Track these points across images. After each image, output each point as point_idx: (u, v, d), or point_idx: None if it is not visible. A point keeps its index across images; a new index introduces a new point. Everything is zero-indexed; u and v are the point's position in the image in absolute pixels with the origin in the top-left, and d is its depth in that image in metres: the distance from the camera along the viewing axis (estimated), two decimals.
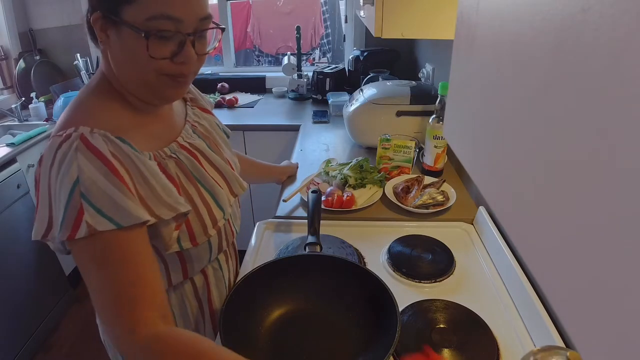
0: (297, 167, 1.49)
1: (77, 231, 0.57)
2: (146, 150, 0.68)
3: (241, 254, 1.10)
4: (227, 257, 0.91)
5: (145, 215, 0.61)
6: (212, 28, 0.69)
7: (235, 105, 2.46)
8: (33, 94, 2.35)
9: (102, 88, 0.70)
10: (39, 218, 0.61)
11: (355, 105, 1.63)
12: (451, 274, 1.00)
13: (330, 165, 1.46)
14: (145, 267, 0.62)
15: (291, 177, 1.45)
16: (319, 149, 1.76)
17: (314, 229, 0.98)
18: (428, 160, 1.41)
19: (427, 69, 1.94)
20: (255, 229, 1.19)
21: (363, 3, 1.21)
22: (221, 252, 0.85)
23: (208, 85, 2.66)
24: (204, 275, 0.84)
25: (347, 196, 1.25)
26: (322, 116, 2.18)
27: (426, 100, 1.54)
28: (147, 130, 0.71)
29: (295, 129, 2.08)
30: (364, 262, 1.05)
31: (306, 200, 1.19)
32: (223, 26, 0.72)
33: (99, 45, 0.67)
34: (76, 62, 2.50)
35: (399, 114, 1.56)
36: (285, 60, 2.57)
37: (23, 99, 2.42)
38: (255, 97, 2.61)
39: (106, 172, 0.59)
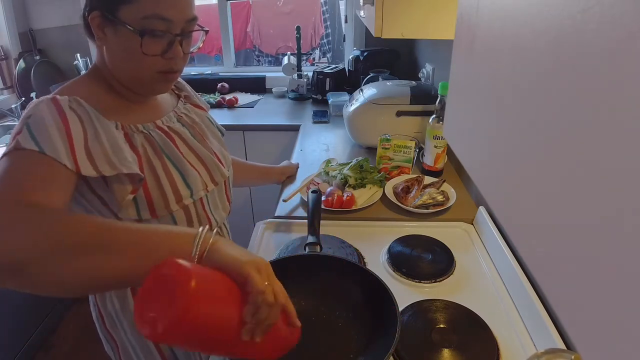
0: (298, 167, 1.49)
1: (7, 147, 0.61)
2: (115, 120, 0.73)
3: None
4: None
5: (65, 159, 0.61)
6: (197, 30, 0.78)
7: (235, 105, 2.46)
8: (33, 94, 2.35)
9: (91, 75, 0.78)
10: None
11: (355, 105, 1.63)
12: (451, 274, 1.00)
13: (330, 165, 1.46)
14: (45, 185, 0.59)
15: (291, 177, 1.45)
16: (319, 149, 1.76)
17: (314, 229, 0.98)
18: (428, 160, 1.41)
19: (427, 69, 1.94)
20: (255, 228, 1.19)
21: (363, 3, 1.21)
22: None
23: (208, 85, 2.66)
24: None
25: (347, 196, 1.25)
26: (322, 116, 2.18)
27: (426, 100, 1.54)
28: (124, 110, 0.77)
29: (295, 129, 2.07)
30: (364, 262, 1.05)
31: (306, 200, 1.19)
32: (207, 28, 0.80)
33: (95, 41, 0.75)
34: (76, 62, 2.50)
35: (399, 114, 1.56)
36: (285, 60, 2.57)
37: (23, 99, 2.42)
38: (255, 97, 2.61)
39: (55, 116, 0.64)
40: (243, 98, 2.57)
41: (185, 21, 0.74)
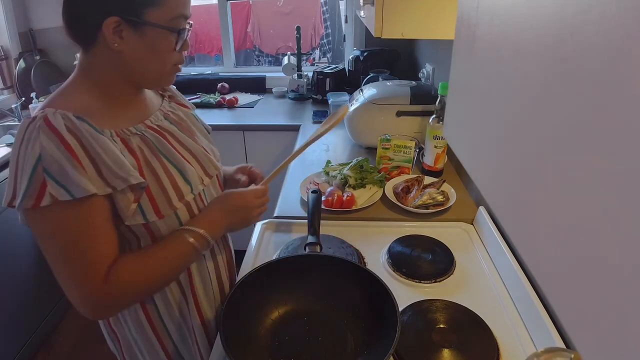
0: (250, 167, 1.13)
1: (41, 200, 0.65)
2: (110, 129, 0.74)
3: (241, 254, 1.10)
4: (212, 252, 0.92)
5: (93, 189, 0.67)
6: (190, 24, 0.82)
7: (235, 105, 2.46)
8: (33, 94, 2.35)
9: (79, 81, 0.78)
10: (8, 188, 0.69)
11: (355, 105, 1.63)
12: (451, 274, 1.00)
13: (330, 165, 1.46)
14: (97, 236, 0.70)
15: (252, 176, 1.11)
16: (319, 149, 1.76)
17: (314, 229, 0.98)
18: (428, 160, 1.41)
19: (427, 69, 1.94)
20: (256, 229, 1.19)
21: (363, 3, 1.21)
22: None
23: (208, 85, 2.66)
24: None
25: (347, 196, 1.25)
26: (322, 116, 2.18)
27: (426, 100, 1.54)
28: (115, 113, 0.78)
29: (295, 129, 2.07)
30: (364, 262, 1.05)
31: (306, 200, 1.19)
32: (192, 22, 0.83)
33: (90, 48, 0.76)
34: (76, 62, 2.49)
35: (399, 114, 1.56)
36: (285, 60, 2.57)
37: (23, 99, 2.42)
38: (255, 97, 2.61)
39: (62, 149, 0.66)
40: (243, 98, 2.57)
41: (190, 16, 0.80)
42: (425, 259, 1.04)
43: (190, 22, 0.81)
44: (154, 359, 0.91)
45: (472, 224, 1.19)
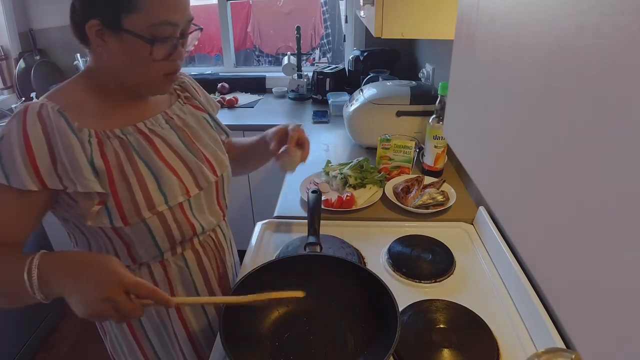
0: (294, 128, 1.02)
1: None
2: (91, 128, 0.73)
3: (241, 254, 1.10)
4: (198, 257, 0.88)
5: (31, 185, 0.68)
6: (194, 30, 0.78)
7: (235, 105, 2.46)
8: (33, 94, 2.35)
9: (82, 77, 0.78)
10: None
11: (355, 105, 1.63)
12: (451, 274, 1.00)
13: (330, 165, 1.46)
14: (11, 221, 0.71)
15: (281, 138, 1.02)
16: (319, 149, 1.76)
17: (314, 229, 0.98)
18: (428, 160, 1.41)
19: (427, 69, 1.94)
20: (256, 229, 1.19)
21: (363, 3, 1.21)
22: (175, 244, 0.83)
23: (208, 85, 2.65)
24: (164, 269, 0.84)
25: (347, 196, 1.25)
26: (322, 116, 2.18)
27: (426, 100, 1.54)
28: (107, 112, 0.77)
29: None
30: (364, 262, 1.05)
31: (306, 200, 1.19)
32: (201, 27, 0.80)
33: (88, 46, 0.74)
34: (76, 62, 2.50)
35: (399, 114, 1.56)
36: (285, 60, 2.57)
37: (23, 99, 2.42)
38: (255, 97, 2.61)
39: (21, 142, 0.68)
40: (243, 98, 2.57)
41: (186, 22, 0.74)
42: (425, 259, 1.04)
43: (200, 27, 0.78)
44: (134, 358, 0.91)
45: (472, 224, 1.19)
